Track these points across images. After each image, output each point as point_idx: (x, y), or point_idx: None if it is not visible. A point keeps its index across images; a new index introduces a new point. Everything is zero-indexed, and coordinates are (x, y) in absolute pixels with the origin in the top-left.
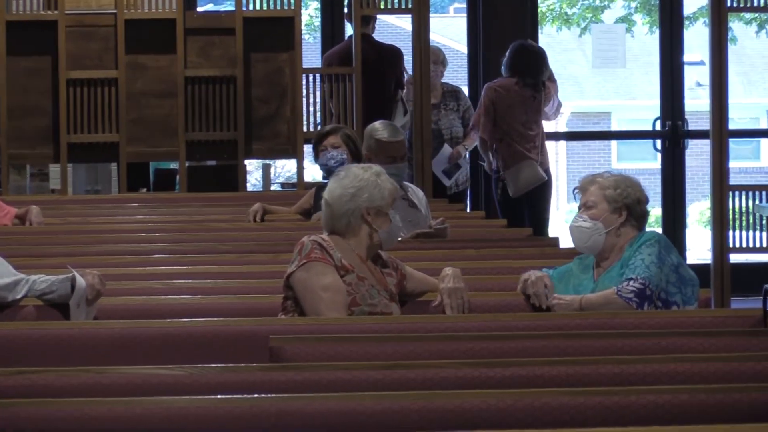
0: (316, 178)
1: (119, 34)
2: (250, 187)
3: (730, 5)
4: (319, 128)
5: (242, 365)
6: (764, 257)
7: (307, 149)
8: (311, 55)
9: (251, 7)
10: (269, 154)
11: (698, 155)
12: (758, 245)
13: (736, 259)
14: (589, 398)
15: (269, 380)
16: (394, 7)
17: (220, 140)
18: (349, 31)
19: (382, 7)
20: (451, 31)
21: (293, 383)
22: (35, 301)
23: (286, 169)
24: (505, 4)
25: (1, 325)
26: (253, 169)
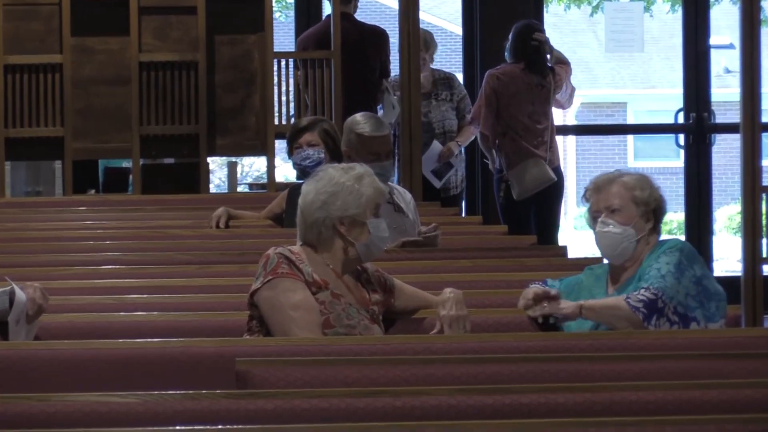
0: (289, 178)
1: (64, 13)
2: (213, 188)
3: None
4: (292, 121)
5: (204, 392)
6: None
7: (279, 145)
8: (284, 37)
9: None
10: (235, 150)
11: (727, 152)
12: None
13: None
14: (600, 429)
15: (235, 409)
16: None
17: (179, 135)
18: (327, 9)
19: None
20: (444, 10)
21: (263, 412)
22: None
23: (254, 167)
24: None
25: None
26: (216, 167)
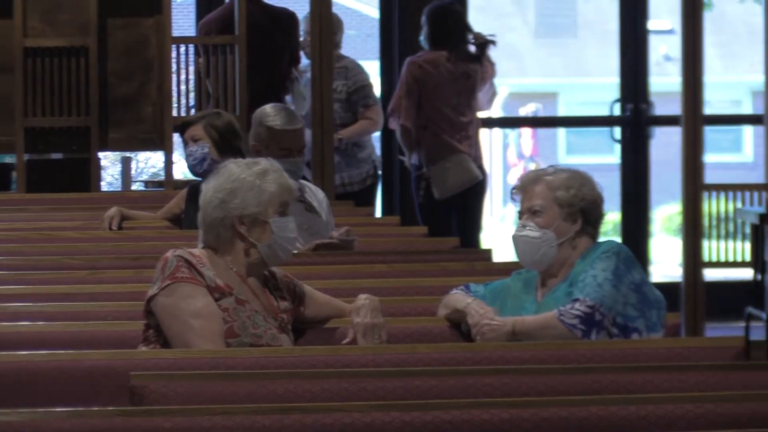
0: (188, 175)
1: None
2: (105, 186)
3: None
4: (192, 113)
5: (95, 409)
6: (746, 273)
7: (177, 139)
8: (183, 20)
9: None
10: (130, 145)
11: (667, 146)
12: (738, 259)
13: (712, 275)
14: None
15: (130, 427)
16: None
17: (68, 127)
18: None
19: None
20: None
21: (161, 431)
22: None
23: (150, 163)
24: None
25: None
26: (109, 163)
